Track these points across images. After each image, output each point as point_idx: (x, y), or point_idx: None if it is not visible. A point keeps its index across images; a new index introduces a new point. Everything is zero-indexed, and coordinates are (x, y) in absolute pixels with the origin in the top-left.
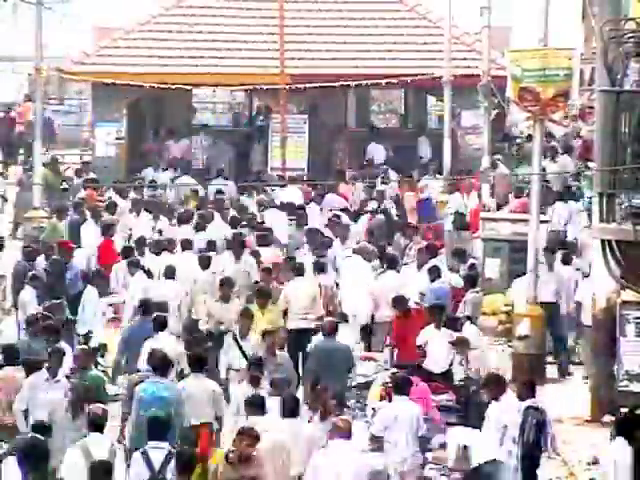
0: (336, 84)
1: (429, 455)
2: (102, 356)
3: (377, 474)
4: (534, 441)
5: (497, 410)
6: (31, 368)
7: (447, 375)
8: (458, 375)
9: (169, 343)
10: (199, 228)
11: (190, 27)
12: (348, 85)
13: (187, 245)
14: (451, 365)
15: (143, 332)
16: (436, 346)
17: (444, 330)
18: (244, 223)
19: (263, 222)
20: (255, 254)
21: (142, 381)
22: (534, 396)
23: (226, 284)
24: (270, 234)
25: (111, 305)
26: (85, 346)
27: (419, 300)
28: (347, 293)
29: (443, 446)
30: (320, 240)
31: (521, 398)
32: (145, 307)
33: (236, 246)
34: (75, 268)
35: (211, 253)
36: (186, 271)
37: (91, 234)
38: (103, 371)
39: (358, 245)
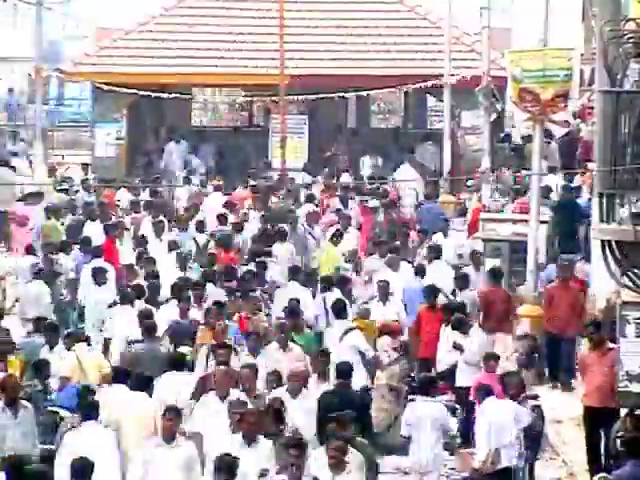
0: (334, 94)
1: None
2: None
3: None
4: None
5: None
6: None
7: (449, 375)
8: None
9: None
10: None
11: (190, 27)
12: (346, 90)
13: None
14: (455, 366)
15: None
16: (439, 345)
17: (449, 330)
18: None
19: None
20: None
21: None
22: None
23: None
24: None
25: None
26: None
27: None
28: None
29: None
30: None
31: (515, 397)
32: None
33: None
34: None
35: None
36: None
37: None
38: None
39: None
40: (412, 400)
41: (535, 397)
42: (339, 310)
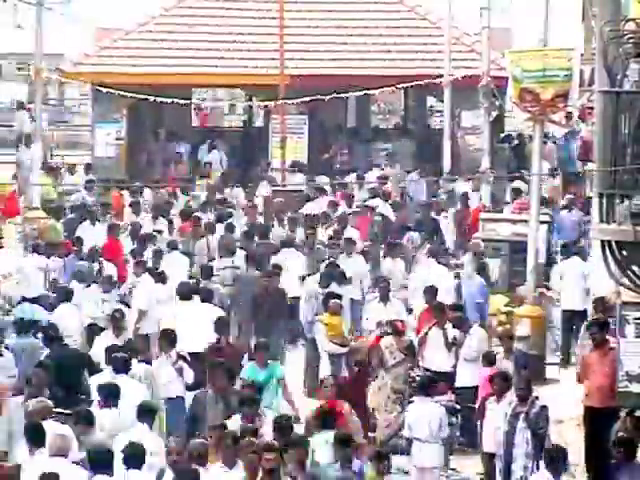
0: (334, 94)
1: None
2: None
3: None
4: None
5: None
6: None
7: (448, 376)
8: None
9: None
10: None
11: (190, 27)
12: (346, 90)
13: None
14: (454, 367)
15: None
16: (435, 345)
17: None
18: None
19: None
20: None
21: None
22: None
23: None
24: None
25: None
26: None
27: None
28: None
29: None
30: None
31: (524, 397)
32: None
33: None
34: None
35: None
36: None
37: (90, 234)
38: None
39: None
40: (411, 402)
41: (537, 398)
42: None
